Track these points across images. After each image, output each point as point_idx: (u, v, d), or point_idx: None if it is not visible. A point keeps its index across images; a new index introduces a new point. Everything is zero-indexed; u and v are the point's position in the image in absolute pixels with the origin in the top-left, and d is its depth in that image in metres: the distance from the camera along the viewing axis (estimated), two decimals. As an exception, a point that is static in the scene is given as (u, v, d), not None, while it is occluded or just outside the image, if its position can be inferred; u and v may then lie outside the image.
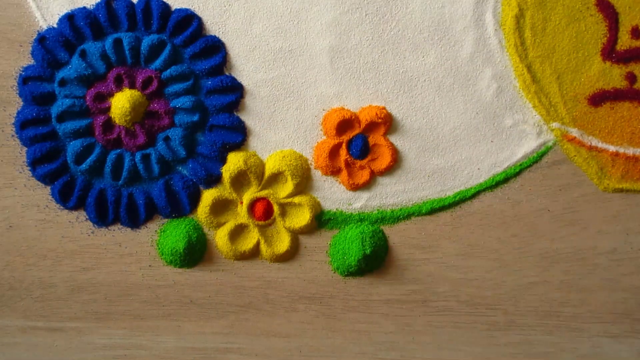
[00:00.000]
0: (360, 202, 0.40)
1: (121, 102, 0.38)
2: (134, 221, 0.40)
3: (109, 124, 0.39)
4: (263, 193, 0.40)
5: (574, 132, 0.40)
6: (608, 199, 0.41)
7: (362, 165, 0.40)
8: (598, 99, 0.40)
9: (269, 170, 0.39)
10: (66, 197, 0.39)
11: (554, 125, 0.40)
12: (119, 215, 0.40)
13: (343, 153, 0.40)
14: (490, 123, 0.40)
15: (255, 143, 0.40)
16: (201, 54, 0.39)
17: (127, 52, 0.38)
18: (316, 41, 0.39)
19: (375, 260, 0.40)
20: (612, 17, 0.40)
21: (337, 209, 0.41)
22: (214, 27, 0.39)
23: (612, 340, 0.41)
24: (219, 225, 0.40)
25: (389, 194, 0.41)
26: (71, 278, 0.41)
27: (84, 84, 0.38)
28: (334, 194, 0.40)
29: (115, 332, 0.41)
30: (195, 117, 0.39)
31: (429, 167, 0.40)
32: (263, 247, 0.40)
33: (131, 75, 0.38)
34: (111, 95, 0.38)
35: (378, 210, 0.41)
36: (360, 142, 0.39)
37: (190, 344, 0.42)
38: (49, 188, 0.40)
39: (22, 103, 0.39)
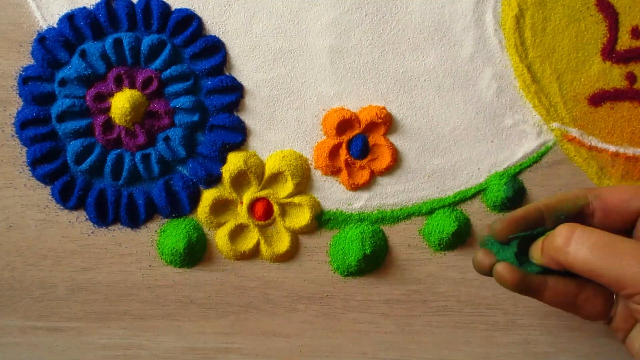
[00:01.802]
0: (360, 202, 0.40)
1: (121, 102, 0.38)
2: (134, 221, 0.40)
3: (109, 124, 0.39)
4: (263, 193, 0.40)
5: (574, 132, 0.40)
6: (608, 199, 0.41)
7: (362, 165, 0.40)
8: (598, 99, 0.40)
9: (269, 170, 0.39)
10: (66, 197, 0.39)
11: (554, 125, 0.40)
12: (119, 215, 0.40)
13: (343, 153, 0.40)
14: (490, 123, 0.40)
15: (255, 143, 0.40)
16: (201, 54, 0.39)
17: (127, 52, 0.38)
18: (316, 41, 0.39)
19: (375, 260, 0.40)
20: (612, 17, 0.40)
21: (337, 209, 0.41)
22: (214, 27, 0.39)
23: (612, 340, 0.41)
24: (219, 225, 0.40)
25: (389, 194, 0.41)
26: (71, 278, 0.41)
27: (84, 84, 0.38)
28: (334, 194, 0.40)
29: (115, 332, 0.41)
30: (195, 117, 0.39)
31: (429, 167, 0.40)
32: (263, 247, 0.40)
33: (131, 75, 0.38)
34: (111, 95, 0.38)
35: (378, 210, 0.41)
36: (360, 142, 0.39)
37: (190, 344, 0.42)
38: (49, 188, 0.40)
39: (22, 103, 0.39)
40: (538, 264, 0.31)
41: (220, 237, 0.40)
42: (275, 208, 0.40)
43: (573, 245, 0.28)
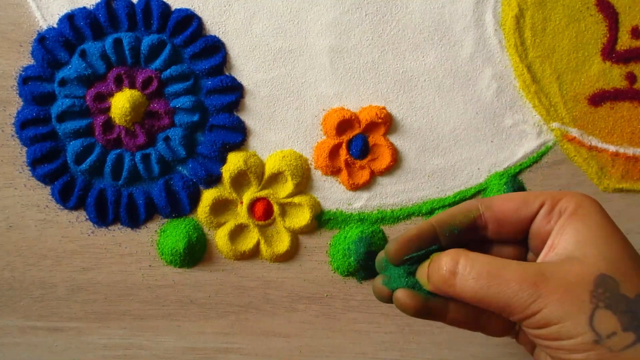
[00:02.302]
0: (360, 202, 0.40)
1: (121, 102, 0.38)
2: (134, 221, 0.40)
3: (109, 124, 0.39)
4: (263, 193, 0.40)
5: (574, 132, 0.40)
6: (608, 199, 0.41)
7: (362, 165, 0.40)
8: (598, 99, 0.40)
9: (269, 170, 0.39)
10: (66, 197, 0.39)
11: (554, 125, 0.40)
12: (119, 215, 0.40)
13: (343, 153, 0.40)
14: (490, 123, 0.40)
15: (255, 143, 0.40)
16: (201, 54, 0.39)
17: (127, 52, 0.38)
18: (316, 41, 0.39)
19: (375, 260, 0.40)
20: (612, 17, 0.40)
21: (337, 209, 0.41)
22: (214, 27, 0.39)
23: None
24: (219, 225, 0.40)
25: (389, 194, 0.41)
26: (71, 278, 0.41)
27: (84, 84, 0.38)
28: (334, 194, 0.40)
29: (115, 332, 0.41)
30: (195, 117, 0.39)
31: (429, 167, 0.40)
32: (263, 247, 0.40)
33: (131, 75, 0.38)
34: (111, 95, 0.38)
35: (378, 210, 0.41)
36: (360, 142, 0.39)
37: (190, 344, 0.42)
38: (49, 188, 0.40)
39: (22, 103, 0.39)
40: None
41: (220, 237, 0.40)
42: (275, 208, 0.40)
43: (458, 277, 0.27)
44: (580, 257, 0.26)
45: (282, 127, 0.40)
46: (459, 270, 0.27)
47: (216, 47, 0.39)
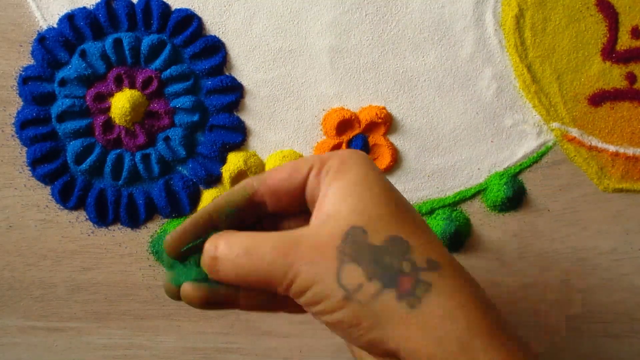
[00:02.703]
0: (360, 202, 0.40)
1: (121, 102, 0.38)
2: (134, 221, 0.40)
3: (109, 124, 0.39)
4: (263, 193, 0.40)
5: (574, 132, 0.40)
6: (608, 199, 0.41)
7: (362, 165, 0.40)
8: (598, 99, 0.40)
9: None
10: (66, 197, 0.39)
11: (554, 125, 0.40)
12: (119, 215, 0.40)
13: (343, 153, 0.40)
14: (490, 123, 0.40)
15: (255, 143, 0.40)
16: (201, 54, 0.39)
17: (127, 52, 0.38)
18: (316, 41, 0.39)
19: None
20: (612, 17, 0.40)
21: (337, 209, 0.40)
22: (214, 27, 0.39)
23: (612, 340, 0.41)
24: (219, 225, 0.40)
25: (389, 194, 0.40)
26: (71, 278, 0.41)
27: (84, 84, 0.38)
28: (334, 194, 0.40)
29: (115, 332, 0.41)
30: (195, 117, 0.39)
31: (429, 167, 0.40)
32: (263, 247, 0.40)
33: (131, 75, 0.38)
34: (111, 95, 0.38)
35: (378, 210, 0.41)
36: (360, 142, 0.39)
37: (190, 344, 0.41)
38: (49, 188, 0.40)
39: (22, 103, 0.39)
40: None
41: (220, 237, 0.40)
42: (275, 208, 0.40)
43: (219, 261, 0.26)
44: (334, 214, 0.25)
45: (282, 127, 0.40)
46: (219, 254, 0.26)
47: (216, 47, 0.39)
